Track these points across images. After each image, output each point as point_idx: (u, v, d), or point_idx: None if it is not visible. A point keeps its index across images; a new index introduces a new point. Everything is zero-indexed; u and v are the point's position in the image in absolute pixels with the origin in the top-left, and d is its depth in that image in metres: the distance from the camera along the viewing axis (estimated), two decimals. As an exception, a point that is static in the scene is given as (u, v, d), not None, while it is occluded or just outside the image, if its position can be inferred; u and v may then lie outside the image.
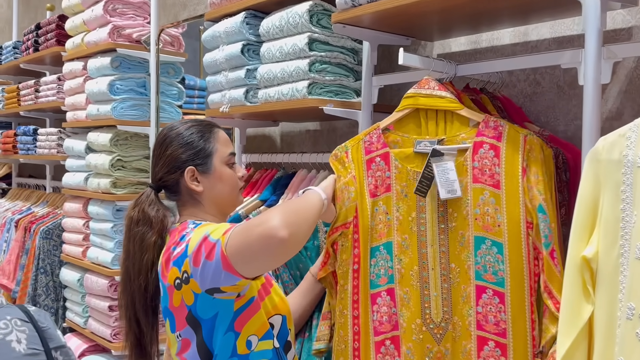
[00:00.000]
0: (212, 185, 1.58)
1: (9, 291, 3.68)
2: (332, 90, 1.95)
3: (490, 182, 1.48)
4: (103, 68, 3.03)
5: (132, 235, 1.56)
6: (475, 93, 1.75)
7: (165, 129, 1.63)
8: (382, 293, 1.60)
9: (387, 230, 1.60)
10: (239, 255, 1.32)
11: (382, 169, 1.62)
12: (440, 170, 1.50)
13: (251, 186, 2.30)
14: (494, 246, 1.46)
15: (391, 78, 1.88)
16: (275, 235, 1.27)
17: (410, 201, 1.58)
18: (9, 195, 4.62)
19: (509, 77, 1.90)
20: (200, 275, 1.38)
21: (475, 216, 1.50)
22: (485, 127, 1.50)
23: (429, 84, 1.58)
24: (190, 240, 1.42)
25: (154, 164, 1.63)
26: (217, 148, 1.59)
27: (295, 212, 1.38)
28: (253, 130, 2.93)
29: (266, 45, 2.05)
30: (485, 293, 1.48)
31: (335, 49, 1.95)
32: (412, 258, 1.57)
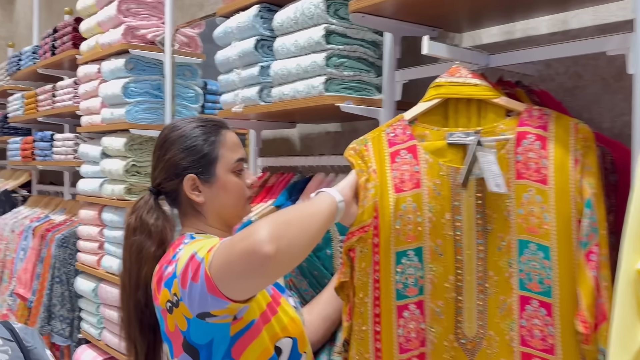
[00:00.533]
0: (214, 196, 1.41)
1: (25, 301, 3.59)
2: (351, 87, 1.79)
3: (536, 177, 1.31)
4: (117, 70, 2.92)
5: (129, 245, 1.41)
6: (510, 87, 1.57)
7: (167, 128, 1.47)
8: (410, 305, 1.41)
9: (418, 233, 1.40)
10: (222, 275, 1.15)
11: (410, 162, 1.43)
12: (485, 161, 1.33)
13: (266, 191, 2.16)
14: (540, 250, 1.29)
15: (416, 72, 1.72)
16: (258, 251, 1.08)
17: (444, 200, 1.40)
18: (28, 202, 4.56)
19: (546, 69, 1.73)
20: (188, 299, 1.22)
21: (518, 217, 1.32)
22: (529, 117, 1.34)
23: (460, 72, 1.42)
24: (180, 259, 1.26)
25: (154, 166, 1.47)
26: (223, 154, 1.42)
27: (288, 222, 1.17)
28: (271, 133, 2.79)
29: (280, 40, 1.91)
30: (529, 304, 1.30)
31: (354, 42, 1.79)
32: (446, 267, 1.40)
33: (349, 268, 1.44)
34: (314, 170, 2.10)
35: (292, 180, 2.07)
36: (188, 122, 1.45)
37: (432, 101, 1.44)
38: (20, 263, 3.82)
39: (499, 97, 1.38)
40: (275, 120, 2.34)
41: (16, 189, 4.76)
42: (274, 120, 2.34)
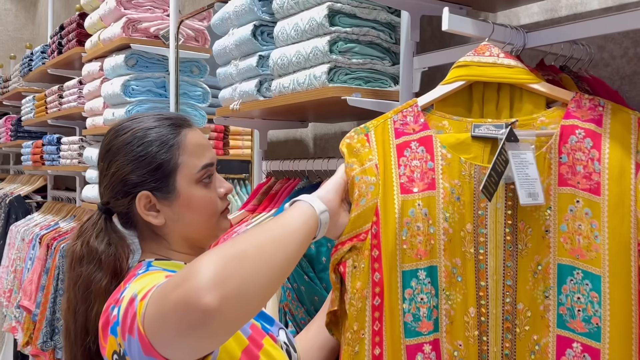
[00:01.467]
0: (177, 216, 1.12)
1: (30, 313, 3.39)
2: (360, 77, 1.50)
3: (585, 185, 1.02)
4: (118, 67, 2.69)
5: (74, 278, 1.12)
6: (553, 72, 1.27)
7: (110, 131, 1.16)
8: (424, 347, 1.09)
9: (430, 248, 1.10)
10: (157, 333, 0.86)
11: (422, 157, 1.13)
12: (518, 162, 1.04)
13: (269, 199, 1.88)
14: (587, 279, 1.01)
15: (438, 57, 1.42)
16: (194, 303, 0.79)
17: (465, 208, 1.10)
18: (42, 208, 4.39)
19: (599, 52, 1.42)
20: (129, 354, 0.93)
21: (560, 235, 1.03)
22: (578, 108, 1.04)
23: (490, 50, 1.13)
24: (123, 300, 0.98)
25: (99, 181, 1.18)
26: (183, 161, 1.12)
27: (242, 255, 0.86)
28: (282, 134, 2.52)
29: (280, 24, 1.63)
30: (570, 348, 1.02)
31: (365, 24, 1.50)
32: (466, 295, 1.09)
33: (339, 292, 1.12)
34: (322, 175, 1.82)
35: (297, 187, 1.80)
36: (138, 122, 1.15)
37: (454, 84, 1.15)
38: (27, 273, 3.64)
39: (539, 83, 1.08)
40: (280, 118, 2.07)
41: (30, 194, 4.59)
42: (280, 118, 2.07)
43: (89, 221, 1.16)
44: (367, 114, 1.77)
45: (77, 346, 1.11)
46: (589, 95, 1.06)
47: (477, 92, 1.14)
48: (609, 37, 1.40)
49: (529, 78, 1.09)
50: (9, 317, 3.84)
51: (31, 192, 4.62)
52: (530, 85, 1.09)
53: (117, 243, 1.13)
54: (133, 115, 1.19)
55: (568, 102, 1.07)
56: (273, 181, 1.96)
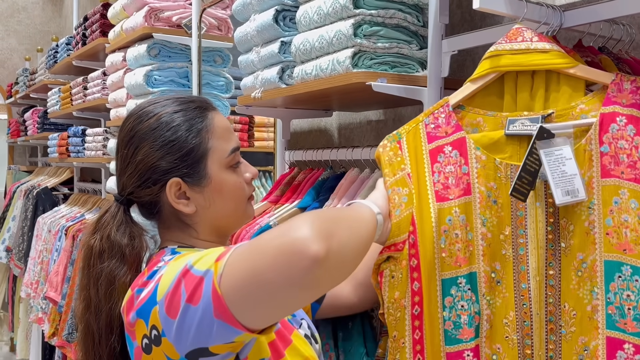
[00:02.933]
0: (208, 202, 1.08)
1: (56, 305, 3.40)
2: (386, 62, 1.44)
3: (630, 174, 0.96)
4: (141, 57, 2.66)
5: (94, 276, 1.07)
6: (592, 53, 1.20)
7: (132, 115, 1.11)
8: (465, 353, 1.06)
9: (469, 254, 1.07)
10: (242, 291, 0.82)
11: (456, 161, 1.10)
12: (552, 160, 0.99)
13: (292, 190, 1.83)
14: (637, 275, 0.95)
15: (468, 40, 1.35)
16: (303, 250, 0.79)
17: (503, 210, 1.06)
18: (69, 200, 4.40)
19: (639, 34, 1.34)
20: (177, 331, 0.88)
21: (606, 229, 0.97)
22: (618, 91, 0.97)
23: (523, 35, 1.06)
24: (162, 279, 0.93)
25: (120, 170, 1.12)
26: (213, 145, 1.08)
27: (336, 220, 0.89)
28: (306, 123, 2.47)
29: (303, 8, 1.57)
30: (622, 350, 0.96)
31: (391, 5, 1.44)
32: (506, 299, 1.05)
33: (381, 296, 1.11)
34: (346, 165, 1.77)
35: (321, 177, 1.74)
36: (162, 107, 1.10)
37: (485, 78, 1.10)
38: (53, 265, 3.65)
39: (575, 66, 1.02)
40: (304, 107, 2.01)
41: (57, 186, 4.61)
42: (303, 107, 2.01)
43: (107, 214, 1.11)
44: (394, 102, 1.71)
45: (102, 347, 1.06)
46: (631, 76, 1.00)
47: (509, 80, 1.09)
48: (651, 16, 1.32)
49: (565, 62, 1.03)
50: (35, 308, 3.86)
51: (58, 184, 4.64)
52: (567, 70, 1.03)
53: (139, 235, 1.09)
54: (151, 99, 1.13)
55: (607, 86, 1.01)
56: (296, 171, 1.91)
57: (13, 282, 4.85)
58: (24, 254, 4.44)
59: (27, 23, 6.73)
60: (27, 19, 6.73)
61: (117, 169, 1.13)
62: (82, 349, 1.10)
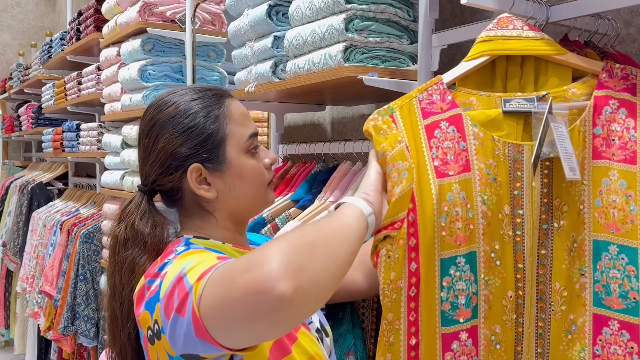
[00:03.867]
0: (228, 187, 1.10)
1: (52, 299, 3.42)
2: (377, 56, 1.46)
3: (620, 156, 0.99)
4: (135, 52, 2.67)
5: (119, 263, 1.09)
6: (578, 47, 1.22)
7: (152, 106, 1.14)
8: (461, 334, 1.06)
9: (470, 233, 1.05)
10: (217, 318, 0.84)
11: (453, 137, 1.08)
12: (559, 135, 1.00)
13: (286, 183, 1.86)
14: (623, 254, 0.98)
15: (458, 34, 1.38)
16: (269, 290, 0.78)
17: (501, 189, 1.06)
18: (64, 195, 4.41)
19: (626, 28, 1.36)
20: (171, 334, 0.91)
21: (595, 210, 1.00)
22: (610, 77, 1.01)
23: (514, 23, 1.09)
24: (166, 276, 0.95)
25: (142, 160, 1.15)
26: (231, 131, 1.10)
27: (311, 246, 0.85)
28: (301, 117, 2.49)
29: (295, 3, 1.60)
30: (607, 326, 0.99)
31: (382, 1, 1.46)
32: (505, 279, 1.06)
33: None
34: (338, 159, 1.79)
35: (313, 171, 1.77)
36: (180, 95, 1.12)
37: (478, 59, 1.11)
38: (49, 259, 3.66)
39: (566, 54, 1.05)
40: (297, 101, 2.03)
41: (52, 181, 4.62)
42: (296, 101, 2.03)
43: (131, 204, 1.13)
44: (386, 96, 1.73)
45: (124, 332, 1.08)
46: (620, 65, 1.03)
47: (500, 67, 1.11)
48: (635, 11, 1.35)
49: (556, 49, 1.06)
50: (31, 302, 3.87)
51: (53, 179, 4.64)
52: (558, 57, 1.05)
53: (161, 224, 1.11)
54: (170, 90, 1.16)
55: (599, 73, 1.04)
56: (289, 165, 1.93)
57: (6, 278, 4.85)
58: (20, 248, 4.45)
59: (20, 18, 6.71)
60: (20, 14, 6.71)
61: (140, 159, 1.16)
62: (109, 334, 1.13)
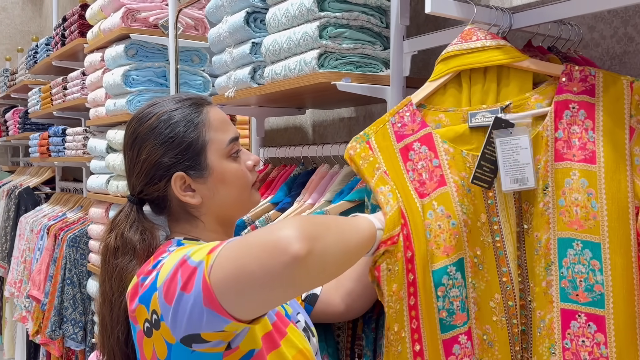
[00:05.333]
0: (212, 192, 1.14)
1: (39, 303, 3.44)
2: (351, 62, 1.51)
3: (580, 156, 1.03)
4: (118, 57, 2.70)
5: (109, 271, 1.13)
6: (541, 52, 1.27)
7: (133, 119, 1.18)
8: (460, 337, 1.12)
9: (457, 241, 1.11)
10: (228, 283, 0.88)
11: (426, 156, 1.15)
12: (507, 149, 1.06)
13: (266, 186, 1.89)
14: (587, 249, 1.01)
15: (427, 40, 1.42)
16: (285, 248, 0.85)
17: (476, 198, 1.12)
18: (51, 200, 4.42)
19: (590, 33, 1.41)
20: (173, 317, 0.94)
21: (559, 209, 1.04)
22: (569, 81, 1.05)
23: (477, 34, 1.13)
24: (163, 267, 0.99)
25: (128, 172, 1.19)
26: (211, 137, 1.13)
27: (326, 225, 0.94)
28: (283, 121, 2.53)
29: (272, 10, 1.63)
30: (575, 320, 1.03)
31: (355, 8, 1.50)
32: (489, 282, 1.12)
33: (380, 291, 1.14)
34: (317, 162, 1.83)
35: (293, 173, 1.81)
36: (160, 107, 1.16)
37: (442, 78, 1.17)
38: (36, 264, 3.68)
39: (526, 59, 1.09)
40: (277, 105, 2.07)
41: (39, 185, 4.63)
42: (276, 105, 2.07)
43: (121, 214, 1.17)
44: (363, 99, 1.77)
45: (113, 336, 1.12)
46: (580, 67, 1.06)
47: (465, 77, 1.15)
48: (599, 17, 1.39)
49: (514, 57, 1.10)
50: (19, 307, 3.89)
51: (40, 184, 4.65)
52: (518, 64, 1.09)
53: (150, 230, 1.15)
54: (151, 102, 1.20)
55: (559, 77, 1.08)
56: (270, 168, 1.97)
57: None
58: (7, 253, 4.45)
59: (7, 23, 6.71)
60: (7, 19, 6.71)
61: (127, 171, 1.20)
62: (99, 340, 1.16)
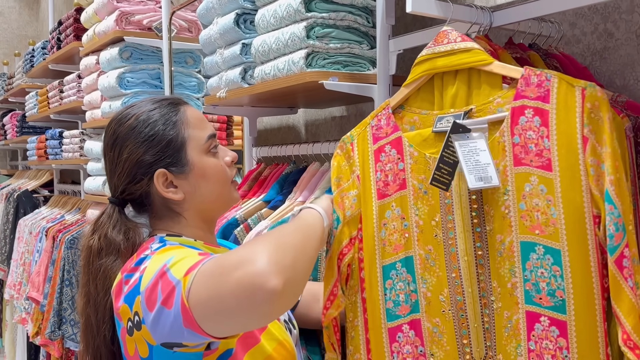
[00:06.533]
0: (194, 188, 1.17)
1: (39, 304, 3.46)
2: (339, 61, 1.54)
3: (538, 162, 1.05)
4: (113, 60, 2.73)
5: (93, 271, 1.15)
6: (522, 49, 1.30)
7: (113, 121, 1.21)
8: (403, 326, 1.20)
9: (405, 241, 1.20)
10: (207, 310, 0.93)
11: (394, 159, 1.21)
12: (467, 150, 1.08)
13: (259, 184, 1.92)
14: (549, 254, 1.03)
15: (412, 39, 1.45)
16: (262, 285, 0.88)
17: (432, 199, 1.17)
18: (50, 202, 4.45)
19: (571, 30, 1.44)
20: (153, 324, 0.99)
21: (520, 213, 1.07)
22: (526, 85, 1.07)
23: (448, 37, 1.15)
24: (146, 271, 1.02)
25: (110, 173, 1.21)
26: (190, 134, 1.17)
27: (291, 247, 0.97)
28: (276, 121, 2.56)
29: (261, 12, 1.66)
30: (539, 322, 1.05)
31: (342, 8, 1.53)
32: (440, 277, 1.16)
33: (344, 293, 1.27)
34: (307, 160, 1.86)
35: (284, 172, 1.84)
36: (138, 108, 1.20)
37: (417, 81, 1.21)
38: (35, 266, 3.71)
39: (491, 64, 1.11)
40: (269, 105, 2.10)
41: (37, 188, 4.66)
42: (268, 105, 2.10)
43: (103, 215, 1.19)
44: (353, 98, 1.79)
45: (99, 337, 1.14)
46: (537, 70, 1.07)
47: (437, 80, 1.19)
48: (579, 14, 1.42)
49: (481, 60, 1.12)
50: (18, 309, 3.91)
51: (38, 187, 4.68)
52: (485, 67, 1.12)
53: (134, 229, 1.17)
54: (128, 105, 1.23)
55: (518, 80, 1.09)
56: (263, 167, 2.00)
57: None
58: (7, 256, 4.48)
59: (4, 27, 6.74)
60: (4, 23, 6.74)
61: (108, 172, 1.22)
62: (83, 341, 1.18)
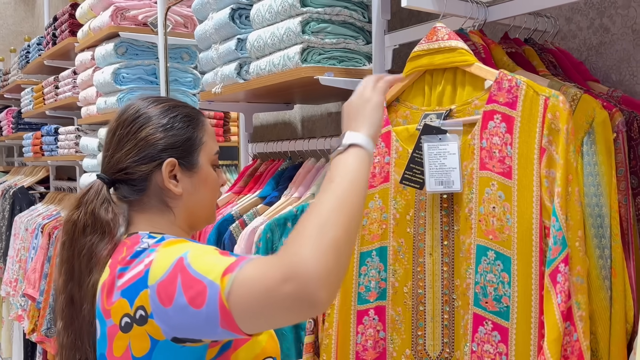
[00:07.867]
0: (194, 189, 1.15)
1: (35, 301, 3.46)
2: (334, 57, 1.53)
3: (499, 169, 1.05)
4: (108, 56, 2.72)
5: (78, 249, 1.12)
6: (517, 44, 1.29)
7: (136, 102, 1.18)
8: (370, 311, 1.25)
9: (382, 232, 1.23)
10: (249, 313, 0.91)
11: (382, 152, 1.24)
12: (434, 153, 1.10)
13: (255, 180, 1.92)
14: (500, 260, 1.04)
15: (408, 34, 1.45)
16: (312, 299, 0.85)
17: (409, 194, 1.20)
18: (46, 199, 4.43)
19: (567, 25, 1.44)
20: (167, 319, 0.96)
21: (479, 216, 1.07)
22: (498, 90, 1.07)
23: (437, 34, 1.16)
24: (154, 264, 0.99)
25: (115, 146, 1.15)
26: (206, 141, 1.18)
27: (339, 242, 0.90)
28: (273, 117, 2.55)
29: (256, 7, 1.66)
30: (482, 325, 1.06)
31: (337, 3, 1.53)
32: (407, 269, 1.20)
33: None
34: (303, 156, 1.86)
35: (280, 168, 1.83)
36: (162, 101, 1.19)
37: (409, 77, 1.22)
38: (31, 262, 3.70)
39: (472, 65, 1.12)
40: (264, 101, 2.09)
41: (33, 185, 4.64)
42: (264, 101, 2.09)
43: (90, 191, 1.14)
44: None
45: (83, 316, 1.13)
46: (509, 75, 1.07)
47: (428, 77, 1.20)
48: (575, 8, 1.42)
49: (463, 61, 1.12)
50: (15, 305, 3.91)
51: (34, 183, 4.67)
52: (466, 68, 1.13)
53: (119, 214, 1.15)
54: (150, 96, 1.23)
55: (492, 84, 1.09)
56: (258, 163, 1.99)
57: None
58: (3, 253, 4.47)
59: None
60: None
61: (112, 146, 1.16)
62: (63, 318, 1.15)
